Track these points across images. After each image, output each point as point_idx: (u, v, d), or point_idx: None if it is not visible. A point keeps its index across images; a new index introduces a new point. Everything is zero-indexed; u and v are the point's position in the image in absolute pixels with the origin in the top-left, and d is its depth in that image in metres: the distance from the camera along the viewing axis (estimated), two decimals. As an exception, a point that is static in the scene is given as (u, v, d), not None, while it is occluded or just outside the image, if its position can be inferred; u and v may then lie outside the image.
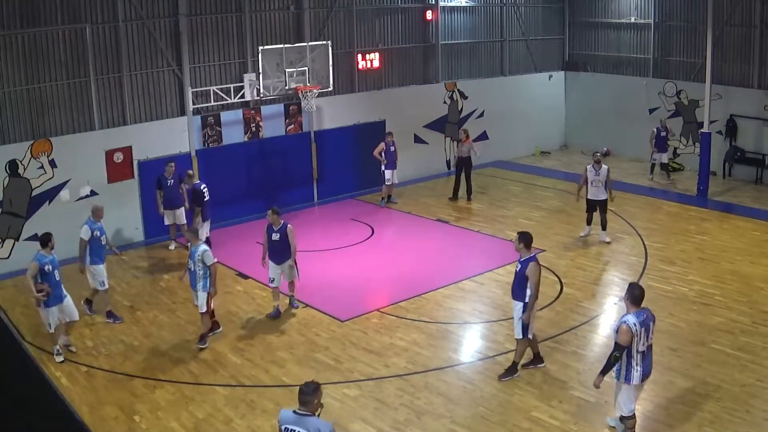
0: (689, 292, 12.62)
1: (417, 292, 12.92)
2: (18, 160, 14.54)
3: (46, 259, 10.55)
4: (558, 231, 16.12)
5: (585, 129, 23.92)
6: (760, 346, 10.55)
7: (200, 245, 11.01)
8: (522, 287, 9.51)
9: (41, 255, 10.59)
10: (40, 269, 10.43)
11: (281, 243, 11.90)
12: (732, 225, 16.31)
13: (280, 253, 11.96)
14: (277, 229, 11.91)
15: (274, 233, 11.91)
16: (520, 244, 9.55)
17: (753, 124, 19.61)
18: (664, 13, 21.84)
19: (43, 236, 10.86)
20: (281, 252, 11.96)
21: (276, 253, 11.97)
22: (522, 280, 9.49)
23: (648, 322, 7.84)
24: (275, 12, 18.00)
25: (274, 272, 12.05)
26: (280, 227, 11.91)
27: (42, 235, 10.90)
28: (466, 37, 22.10)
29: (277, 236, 11.88)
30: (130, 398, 9.66)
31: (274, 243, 11.93)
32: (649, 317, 7.89)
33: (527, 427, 8.77)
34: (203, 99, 16.83)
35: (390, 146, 18.16)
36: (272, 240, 11.92)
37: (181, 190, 15.33)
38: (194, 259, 10.89)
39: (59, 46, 14.97)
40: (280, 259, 11.99)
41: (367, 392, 9.70)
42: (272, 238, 11.92)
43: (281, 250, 11.94)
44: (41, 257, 10.55)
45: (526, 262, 9.47)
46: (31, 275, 10.42)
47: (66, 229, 15.05)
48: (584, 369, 10.10)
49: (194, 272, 10.93)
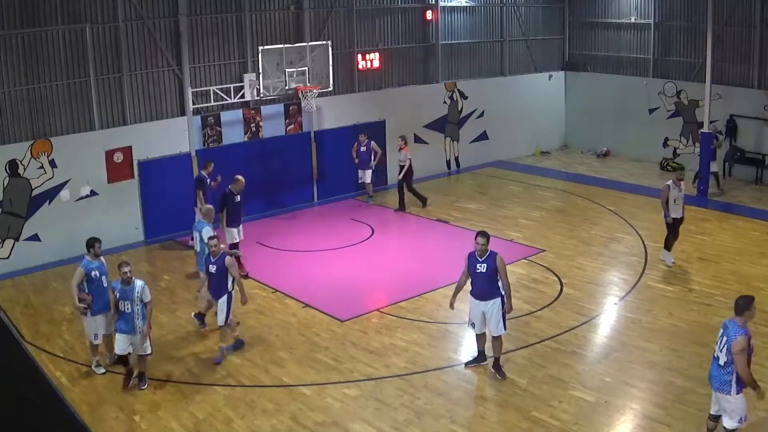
0: (689, 292, 12.61)
1: (417, 292, 12.92)
2: (18, 160, 14.54)
3: (92, 264, 10.12)
4: (558, 231, 16.11)
5: (585, 129, 23.91)
6: (760, 346, 10.52)
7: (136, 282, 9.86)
8: (494, 282, 9.67)
9: (87, 260, 10.13)
10: (86, 275, 9.99)
11: (218, 276, 10.47)
12: (732, 225, 16.31)
13: (215, 287, 10.55)
14: (215, 259, 10.48)
15: (211, 264, 10.51)
16: (487, 243, 9.67)
17: (753, 124, 19.61)
18: (664, 13, 21.84)
19: (88, 240, 10.36)
20: (217, 286, 10.54)
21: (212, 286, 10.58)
22: (493, 276, 9.62)
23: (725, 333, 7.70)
24: (275, 12, 18.00)
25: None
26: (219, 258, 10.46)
27: (88, 240, 10.39)
28: (466, 37, 22.10)
29: (214, 268, 10.46)
30: (130, 398, 9.66)
31: (210, 275, 10.53)
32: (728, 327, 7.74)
33: (527, 427, 8.77)
34: (203, 99, 16.83)
35: (361, 146, 18.09)
36: (209, 272, 10.54)
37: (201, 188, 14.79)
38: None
39: (59, 46, 14.96)
40: (214, 294, 10.60)
41: (367, 392, 9.70)
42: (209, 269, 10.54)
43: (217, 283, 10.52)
44: (87, 263, 10.10)
45: (491, 258, 9.61)
46: (76, 282, 9.97)
47: (66, 229, 15.12)
48: (584, 369, 10.11)
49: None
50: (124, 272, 9.54)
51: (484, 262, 9.61)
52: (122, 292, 9.59)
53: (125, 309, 9.57)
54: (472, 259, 9.74)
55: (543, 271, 13.76)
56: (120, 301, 9.58)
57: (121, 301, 9.57)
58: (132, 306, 9.56)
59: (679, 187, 13.42)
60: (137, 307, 9.57)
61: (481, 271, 9.65)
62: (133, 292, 9.57)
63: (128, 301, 9.56)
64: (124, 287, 9.57)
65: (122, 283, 9.58)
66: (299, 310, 12.44)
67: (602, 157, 23.15)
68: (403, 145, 17.89)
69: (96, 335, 10.22)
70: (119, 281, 9.63)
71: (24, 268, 14.63)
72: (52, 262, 14.86)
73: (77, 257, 14.97)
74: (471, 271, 9.75)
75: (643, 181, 20.23)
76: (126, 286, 9.58)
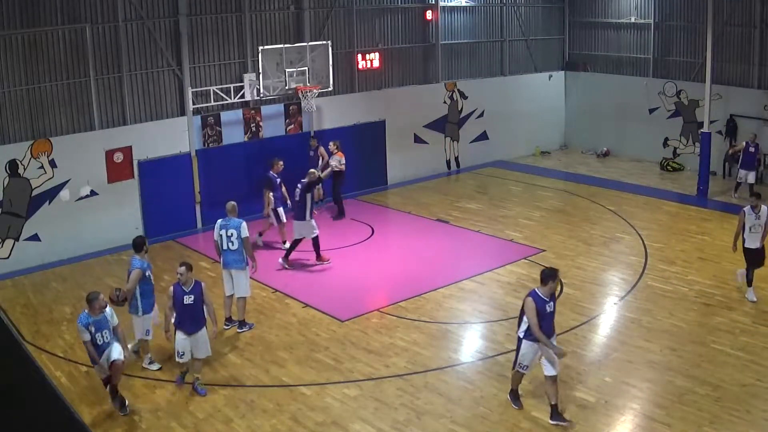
0: (689, 292, 12.61)
1: (417, 292, 12.92)
2: (18, 160, 14.54)
3: (145, 263, 10.27)
4: (558, 231, 16.11)
5: (585, 129, 23.91)
6: (760, 346, 10.55)
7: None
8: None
9: (140, 260, 10.24)
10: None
11: (196, 306, 9.71)
12: (732, 225, 16.18)
13: (193, 319, 9.71)
14: (189, 289, 9.68)
15: (186, 295, 9.65)
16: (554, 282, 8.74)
17: (753, 124, 19.60)
18: (664, 13, 21.84)
19: (139, 240, 10.44)
20: (196, 318, 9.73)
21: (187, 319, 9.67)
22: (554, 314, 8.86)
23: None
24: (275, 12, 18.00)
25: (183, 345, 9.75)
26: (193, 286, 9.73)
27: (137, 239, 10.48)
28: (466, 37, 22.10)
29: (191, 298, 9.66)
30: (130, 398, 9.65)
31: (185, 308, 9.64)
32: None
33: (527, 427, 8.77)
34: (203, 99, 16.83)
35: (310, 151, 17.65)
36: (184, 304, 9.63)
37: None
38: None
39: (59, 46, 14.96)
40: (193, 327, 9.72)
41: (367, 392, 9.70)
42: (184, 301, 9.63)
43: (196, 314, 9.74)
44: (141, 262, 10.22)
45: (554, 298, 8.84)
46: (136, 281, 10.07)
47: (66, 229, 15.13)
48: (584, 369, 10.11)
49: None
50: (101, 305, 9.03)
51: (551, 300, 8.76)
52: (97, 324, 8.98)
53: (104, 339, 9.02)
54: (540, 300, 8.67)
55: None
56: (97, 333, 8.98)
57: (97, 334, 8.98)
58: (109, 335, 9.10)
59: (756, 213, 12.12)
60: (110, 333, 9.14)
61: (550, 310, 8.76)
62: (107, 321, 9.09)
63: (105, 331, 9.04)
64: (97, 318, 9.00)
65: (94, 313, 8.99)
66: (299, 310, 12.44)
67: (602, 157, 23.15)
68: (336, 150, 17.12)
69: (147, 331, 10.32)
70: (85, 314, 9.00)
71: (24, 268, 14.63)
72: (52, 262, 14.86)
73: (77, 257, 15.16)
74: (540, 308, 8.66)
75: (643, 181, 20.23)
76: (99, 316, 9.03)
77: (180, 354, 9.71)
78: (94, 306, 9.00)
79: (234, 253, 11.38)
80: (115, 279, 14.15)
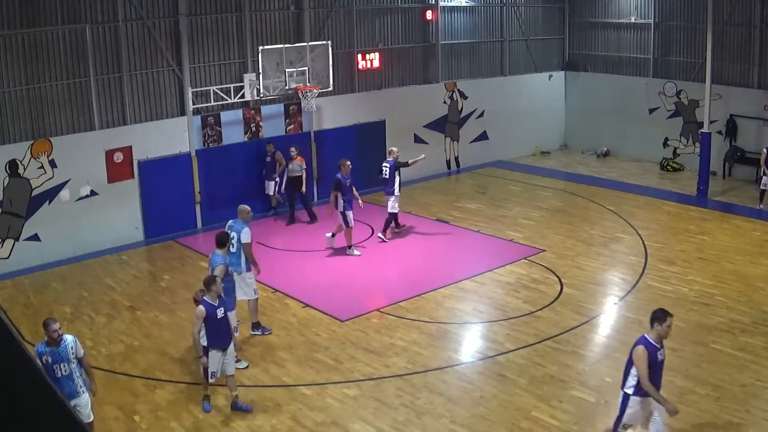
0: (689, 292, 12.61)
1: (417, 292, 12.92)
2: (18, 160, 14.54)
3: (227, 260, 10.31)
4: (558, 231, 16.11)
5: (585, 129, 23.90)
6: (760, 346, 10.55)
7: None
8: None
9: (222, 256, 10.24)
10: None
11: (227, 319, 9.31)
12: (732, 225, 16.31)
13: (226, 334, 9.25)
14: (218, 303, 9.12)
15: (218, 309, 9.09)
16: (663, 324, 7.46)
17: (753, 124, 19.61)
18: (664, 13, 21.83)
19: (223, 236, 10.49)
20: (227, 332, 9.29)
21: (222, 335, 9.14)
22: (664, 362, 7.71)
23: None
24: (275, 12, 18.00)
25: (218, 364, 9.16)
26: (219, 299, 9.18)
27: (222, 235, 10.49)
28: (466, 37, 22.10)
29: (222, 311, 9.14)
30: (130, 398, 9.66)
31: (219, 322, 9.09)
32: None
33: (527, 427, 8.77)
34: (203, 99, 16.83)
35: (267, 156, 17.22)
36: (217, 319, 9.06)
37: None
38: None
39: (59, 46, 14.96)
40: (227, 341, 9.24)
41: (367, 392, 9.70)
42: (217, 316, 9.06)
43: (227, 329, 9.30)
44: (224, 258, 10.25)
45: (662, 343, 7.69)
46: (221, 276, 9.89)
47: (66, 229, 15.13)
48: (584, 369, 10.11)
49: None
50: (53, 331, 7.83)
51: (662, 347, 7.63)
52: (54, 355, 7.85)
53: (63, 372, 7.89)
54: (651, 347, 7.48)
55: (543, 271, 13.76)
56: (54, 365, 7.83)
57: (55, 366, 7.83)
58: (69, 366, 7.92)
59: None
60: (74, 366, 7.96)
61: (663, 358, 7.63)
62: (66, 352, 7.91)
63: (63, 363, 7.89)
64: (54, 348, 7.86)
65: (49, 344, 7.87)
66: (299, 310, 12.44)
67: (602, 157, 23.15)
68: (296, 155, 16.92)
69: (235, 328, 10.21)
70: (44, 343, 7.91)
71: (24, 268, 14.63)
72: (52, 262, 14.86)
73: (77, 257, 15.16)
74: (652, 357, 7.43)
75: (643, 181, 20.23)
76: (56, 347, 7.87)
77: (214, 374, 9.09)
78: (49, 333, 7.84)
79: (233, 255, 11.08)
80: (114, 279, 14.17)
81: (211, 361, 9.01)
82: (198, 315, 8.91)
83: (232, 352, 9.30)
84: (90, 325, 12.06)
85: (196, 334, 8.98)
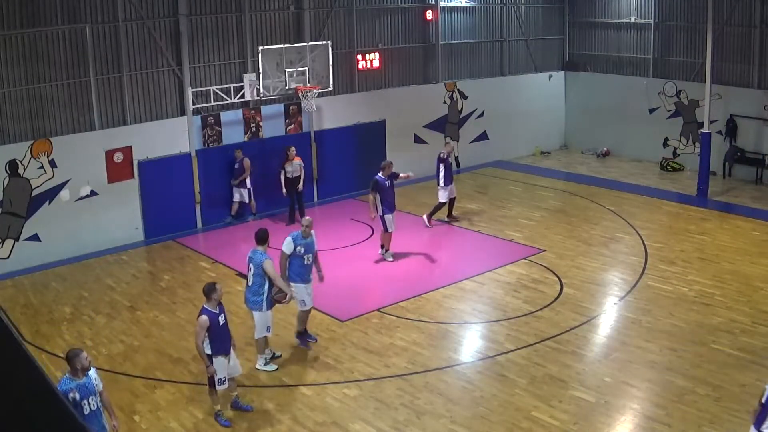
0: (689, 292, 12.61)
1: (417, 292, 12.92)
2: (18, 160, 14.54)
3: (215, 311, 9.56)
4: (558, 231, 16.11)
5: (585, 129, 23.91)
6: (760, 346, 10.55)
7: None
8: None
9: (264, 253, 10.03)
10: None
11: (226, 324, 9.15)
12: (732, 225, 16.31)
13: (228, 338, 9.16)
14: (218, 309, 8.96)
15: (219, 316, 8.94)
16: None
17: (753, 124, 19.61)
18: (664, 13, 21.84)
19: (264, 233, 10.24)
20: (228, 336, 9.19)
21: (225, 340, 9.05)
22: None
23: None
24: (275, 12, 18.00)
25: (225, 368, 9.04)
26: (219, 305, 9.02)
27: (262, 232, 10.27)
28: (466, 37, 22.10)
29: (223, 318, 9.01)
30: (130, 398, 9.66)
31: (221, 329, 8.96)
32: None
33: (527, 427, 8.77)
34: (203, 99, 16.83)
35: (235, 162, 16.88)
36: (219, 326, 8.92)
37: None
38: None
39: (59, 46, 14.96)
40: (229, 345, 9.18)
41: (367, 392, 9.70)
42: (219, 323, 8.92)
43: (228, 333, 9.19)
44: (266, 254, 10.03)
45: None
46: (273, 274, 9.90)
47: (66, 229, 15.13)
48: (584, 369, 10.11)
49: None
50: (84, 359, 7.22)
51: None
52: (81, 390, 7.12)
53: (91, 407, 7.18)
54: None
55: (543, 271, 13.76)
56: (83, 401, 7.09)
57: (83, 401, 7.10)
58: (95, 400, 7.25)
59: None
60: (98, 399, 7.31)
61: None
62: (92, 384, 7.27)
63: (91, 396, 7.19)
64: (80, 381, 7.15)
65: (75, 377, 7.17)
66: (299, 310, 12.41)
67: (602, 157, 23.15)
68: (294, 155, 16.79)
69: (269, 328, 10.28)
70: (68, 378, 7.18)
71: (24, 268, 14.63)
72: (52, 262, 14.86)
73: (77, 257, 15.16)
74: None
75: (643, 181, 20.23)
76: (83, 378, 7.18)
77: (223, 381, 8.91)
78: (76, 365, 7.14)
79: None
80: (114, 279, 14.17)
81: (219, 368, 8.85)
82: (202, 325, 8.66)
83: (233, 353, 9.26)
84: (90, 325, 12.06)
85: (201, 344, 8.71)
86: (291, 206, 17.16)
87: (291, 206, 17.16)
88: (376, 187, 14.19)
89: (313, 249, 10.76)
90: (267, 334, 10.38)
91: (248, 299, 10.21)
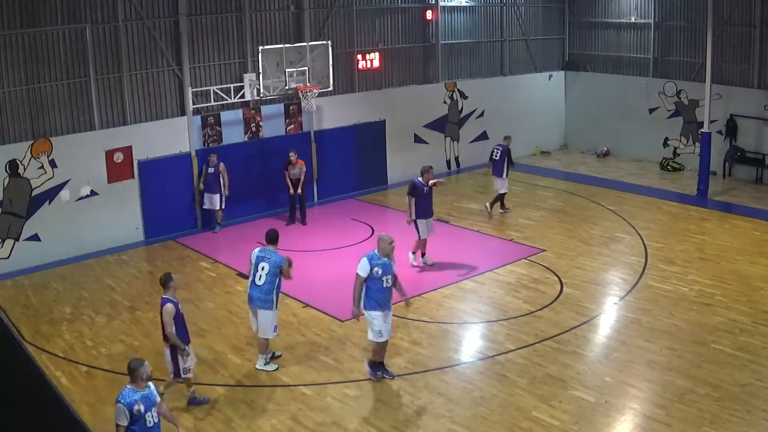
0: (689, 292, 12.61)
1: (417, 292, 12.90)
2: (18, 160, 14.54)
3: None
4: (558, 231, 16.11)
5: (585, 129, 23.91)
6: (760, 346, 10.55)
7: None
8: None
9: (275, 251, 10.13)
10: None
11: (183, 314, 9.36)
12: (732, 225, 16.31)
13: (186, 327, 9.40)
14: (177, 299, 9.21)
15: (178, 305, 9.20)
16: None
17: (753, 124, 19.61)
18: (664, 13, 21.84)
19: (275, 233, 10.32)
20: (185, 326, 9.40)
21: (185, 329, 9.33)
22: None
23: None
24: (275, 12, 18.00)
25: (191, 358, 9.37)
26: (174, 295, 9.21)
27: (273, 232, 10.33)
28: (466, 37, 22.10)
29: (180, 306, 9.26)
30: (130, 398, 9.65)
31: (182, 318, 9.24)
32: None
33: (527, 427, 8.77)
34: (203, 99, 16.83)
35: (209, 168, 16.37)
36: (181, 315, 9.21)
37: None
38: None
39: (59, 46, 14.96)
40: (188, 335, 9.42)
41: (367, 392, 9.70)
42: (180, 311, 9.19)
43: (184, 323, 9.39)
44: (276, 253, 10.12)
45: None
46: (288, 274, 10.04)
47: (66, 229, 15.13)
48: (584, 369, 10.11)
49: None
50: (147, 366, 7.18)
51: None
52: (146, 401, 7.03)
53: (154, 419, 7.09)
54: None
55: (543, 271, 13.76)
56: (147, 413, 7.00)
57: (147, 414, 6.99)
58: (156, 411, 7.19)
59: None
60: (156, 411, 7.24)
61: None
62: (153, 394, 7.20)
63: (153, 408, 7.11)
64: (144, 392, 7.09)
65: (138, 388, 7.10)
66: (299, 310, 12.43)
67: (602, 157, 23.15)
68: (296, 159, 16.73)
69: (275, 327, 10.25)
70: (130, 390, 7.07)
71: (24, 268, 14.63)
72: (52, 262, 14.86)
73: (77, 257, 15.16)
74: None
75: (643, 181, 20.23)
76: (146, 389, 7.14)
77: (188, 370, 9.22)
78: (141, 374, 7.06)
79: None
80: (114, 279, 14.18)
81: (187, 357, 9.17)
82: (170, 313, 8.95)
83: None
84: (90, 325, 12.06)
85: (173, 331, 8.99)
86: (291, 206, 17.16)
87: (291, 206, 17.16)
88: (413, 191, 13.77)
89: (391, 270, 9.66)
90: (273, 335, 10.31)
91: (256, 298, 10.10)
